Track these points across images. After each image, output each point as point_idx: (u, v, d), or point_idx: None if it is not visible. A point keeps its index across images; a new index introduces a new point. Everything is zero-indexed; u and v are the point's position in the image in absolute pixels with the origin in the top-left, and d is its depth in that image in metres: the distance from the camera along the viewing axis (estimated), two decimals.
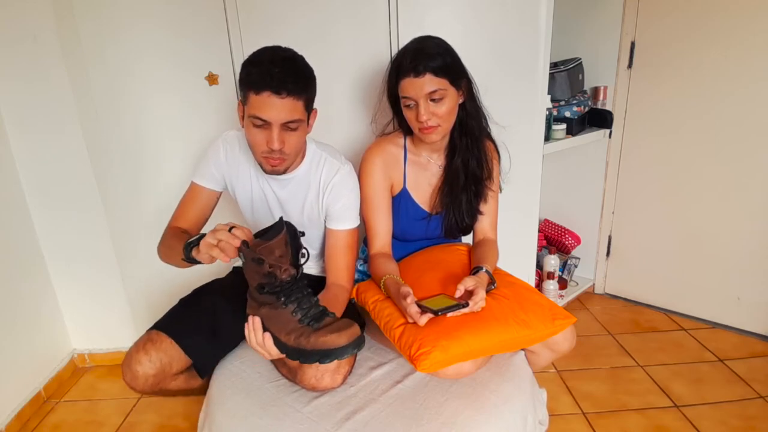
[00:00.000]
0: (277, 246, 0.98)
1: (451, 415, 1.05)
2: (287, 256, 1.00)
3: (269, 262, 0.98)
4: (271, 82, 1.04)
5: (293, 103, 1.07)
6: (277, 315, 0.99)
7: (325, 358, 0.94)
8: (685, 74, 1.93)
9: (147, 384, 1.14)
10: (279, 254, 0.98)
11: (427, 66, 1.13)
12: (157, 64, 1.60)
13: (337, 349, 0.93)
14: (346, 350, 0.94)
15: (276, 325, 0.99)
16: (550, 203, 2.38)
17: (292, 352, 0.97)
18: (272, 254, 0.98)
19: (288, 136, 1.11)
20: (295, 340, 0.96)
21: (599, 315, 2.19)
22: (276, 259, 0.98)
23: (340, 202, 1.25)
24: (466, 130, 1.29)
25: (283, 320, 0.98)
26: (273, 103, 1.05)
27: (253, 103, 1.07)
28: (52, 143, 1.64)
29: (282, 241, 0.99)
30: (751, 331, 1.98)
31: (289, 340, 0.97)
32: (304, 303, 1.00)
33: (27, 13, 1.51)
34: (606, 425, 1.53)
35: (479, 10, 1.52)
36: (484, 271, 1.20)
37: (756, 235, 1.89)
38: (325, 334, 0.94)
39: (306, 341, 0.95)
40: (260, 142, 1.10)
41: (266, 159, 1.13)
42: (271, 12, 1.54)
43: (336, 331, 0.94)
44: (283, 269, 0.99)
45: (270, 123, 1.07)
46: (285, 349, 0.98)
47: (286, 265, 0.99)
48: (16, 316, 1.66)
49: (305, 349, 0.95)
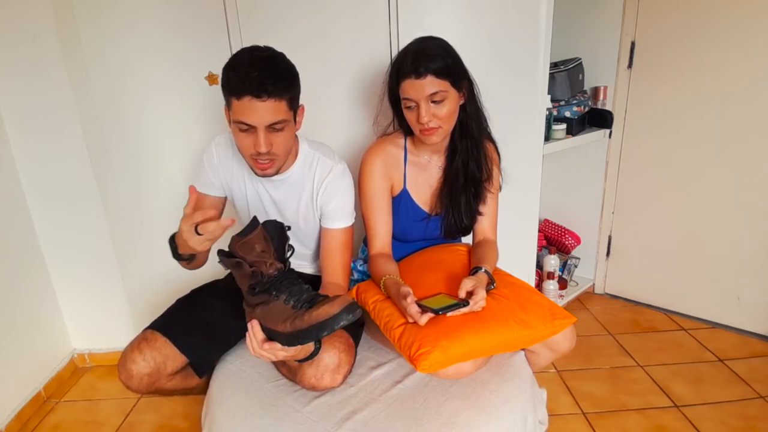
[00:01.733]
0: (255, 241, 0.97)
1: (451, 415, 1.05)
2: (269, 251, 0.99)
3: (250, 260, 0.97)
4: (251, 86, 1.03)
5: (275, 104, 1.06)
6: (271, 309, 0.99)
7: (322, 330, 0.93)
8: (685, 74, 1.93)
9: (142, 383, 1.14)
10: (260, 249, 0.98)
11: (428, 68, 1.13)
12: (157, 64, 1.60)
13: (331, 318, 0.93)
14: (340, 317, 0.93)
15: (272, 318, 0.98)
16: (550, 203, 2.38)
17: (290, 338, 0.96)
18: (252, 251, 0.97)
19: (275, 138, 1.10)
20: (291, 324, 0.95)
21: (599, 315, 2.19)
22: (258, 255, 0.98)
23: (334, 200, 1.25)
24: (466, 131, 1.29)
25: (278, 311, 0.98)
26: (255, 106, 1.04)
27: (236, 109, 1.07)
28: (52, 143, 1.64)
29: (259, 236, 0.98)
30: (751, 331, 1.98)
31: (285, 328, 0.96)
32: (295, 291, 1.00)
33: (27, 13, 1.51)
34: (606, 425, 1.53)
35: (479, 10, 1.52)
36: (483, 271, 1.20)
37: (756, 235, 1.89)
38: (317, 308, 0.94)
39: (301, 321, 0.94)
40: (248, 146, 1.10)
41: (256, 162, 1.13)
42: (271, 12, 1.54)
43: (327, 303, 0.94)
44: (268, 264, 0.99)
45: (255, 127, 1.07)
46: (283, 338, 0.97)
47: (271, 260, 0.99)
48: (16, 316, 1.66)
49: (302, 329, 0.94)
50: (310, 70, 1.24)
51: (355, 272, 1.46)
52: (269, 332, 0.99)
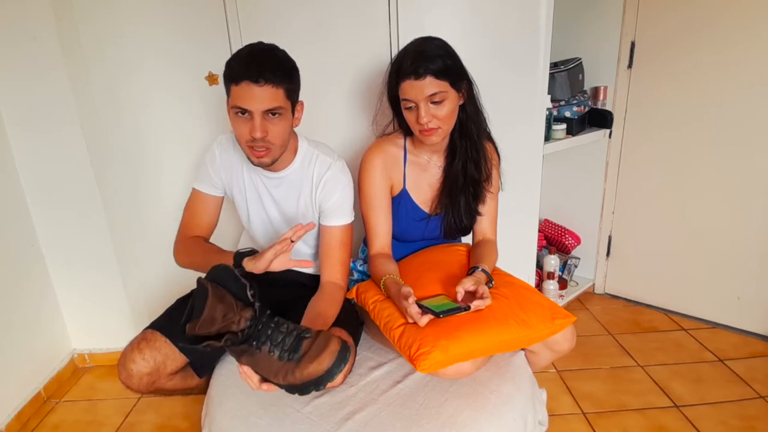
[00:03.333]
0: (213, 312, 0.89)
1: (451, 415, 1.05)
2: (233, 308, 0.91)
3: (216, 330, 0.90)
4: (248, 71, 1.06)
5: (272, 90, 1.08)
6: (257, 361, 0.94)
7: (319, 385, 0.92)
8: (685, 74, 1.93)
9: (142, 383, 1.14)
10: (221, 315, 0.90)
11: (427, 69, 1.13)
12: (157, 64, 1.60)
13: (325, 374, 0.91)
14: (333, 371, 0.91)
15: (261, 369, 0.95)
16: (550, 203, 2.38)
17: (288, 389, 0.94)
18: (214, 322, 0.89)
19: (271, 125, 1.11)
20: (284, 379, 0.93)
21: (599, 315, 2.19)
22: (223, 320, 0.90)
23: (333, 197, 1.25)
24: (466, 131, 1.29)
25: (265, 364, 0.93)
26: (252, 91, 1.07)
27: (233, 94, 1.10)
28: (52, 143, 1.64)
29: (214, 305, 0.89)
30: (751, 331, 1.98)
31: (278, 380, 0.93)
32: (276, 338, 0.94)
33: (27, 13, 1.51)
34: (606, 425, 1.53)
35: (479, 10, 1.52)
36: (481, 270, 1.20)
37: (756, 234, 1.89)
38: (306, 365, 0.91)
39: (293, 377, 0.91)
40: (244, 132, 1.12)
41: (251, 149, 1.14)
42: (271, 12, 1.54)
43: (316, 357, 0.91)
44: (237, 320, 0.91)
45: (251, 112, 1.09)
46: (281, 387, 0.95)
47: (237, 316, 0.91)
48: (16, 316, 1.65)
49: (297, 385, 0.92)
50: (310, 70, 1.24)
51: (354, 272, 1.46)
52: (263, 377, 0.96)
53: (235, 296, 0.94)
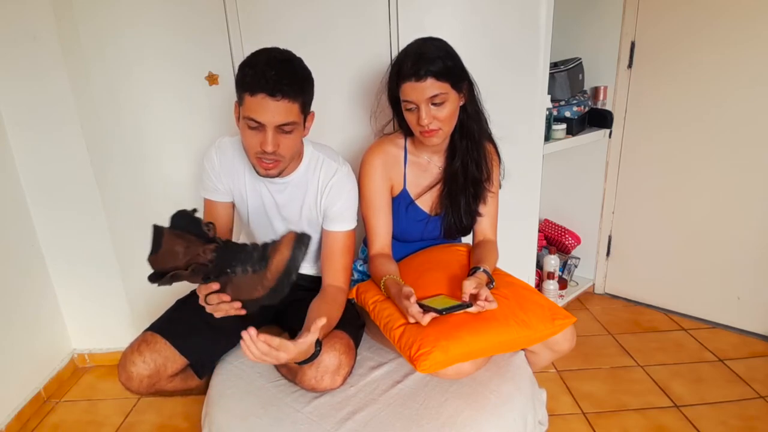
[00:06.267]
0: (172, 245, 0.96)
1: (451, 415, 1.05)
2: (193, 241, 0.98)
3: (182, 264, 0.96)
4: (266, 84, 1.03)
5: (288, 105, 1.06)
6: (238, 285, 1.00)
7: (290, 276, 0.96)
8: (685, 74, 1.93)
9: (142, 385, 1.14)
10: (183, 248, 0.97)
11: (428, 70, 1.13)
12: (157, 64, 1.60)
13: (289, 261, 0.96)
14: (295, 256, 0.96)
15: (245, 291, 0.99)
16: (550, 203, 2.38)
17: (271, 297, 0.98)
18: (176, 256, 0.97)
19: (282, 139, 1.10)
20: (263, 287, 0.97)
21: (599, 315, 2.19)
22: (185, 254, 0.97)
23: (338, 203, 1.24)
24: (466, 132, 1.29)
25: (245, 284, 0.99)
26: (268, 105, 1.04)
27: (248, 105, 1.06)
28: (52, 143, 1.64)
29: (172, 239, 0.97)
30: (751, 331, 1.98)
31: (260, 292, 0.98)
32: (245, 258, 1.00)
33: (27, 13, 1.51)
34: (606, 425, 1.53)
35: (479, 10, 1.52)
36: (482, 271, 1.20)
37: (756, 235, 1.89)
38: (271, 262, 0.96)
39: (267, 281, 0.96)
40: (254, 144, 1.10)
41: (259, 161, 1.12)
42: (271, 12, 1.54)
43: (276, 250, 0.96)
44: (201, 252, 0.98)
45: (264, 125, 1.06)
46: (266, 300, 0.99)
47: (201, 247, 0.98)
48: (17, 315, 1.65)
49: (274, 287, 0.97)
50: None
51: (355, 272, 1.46)
52: (252, 304, 1.00)
53: (196, 234, 1.00)
